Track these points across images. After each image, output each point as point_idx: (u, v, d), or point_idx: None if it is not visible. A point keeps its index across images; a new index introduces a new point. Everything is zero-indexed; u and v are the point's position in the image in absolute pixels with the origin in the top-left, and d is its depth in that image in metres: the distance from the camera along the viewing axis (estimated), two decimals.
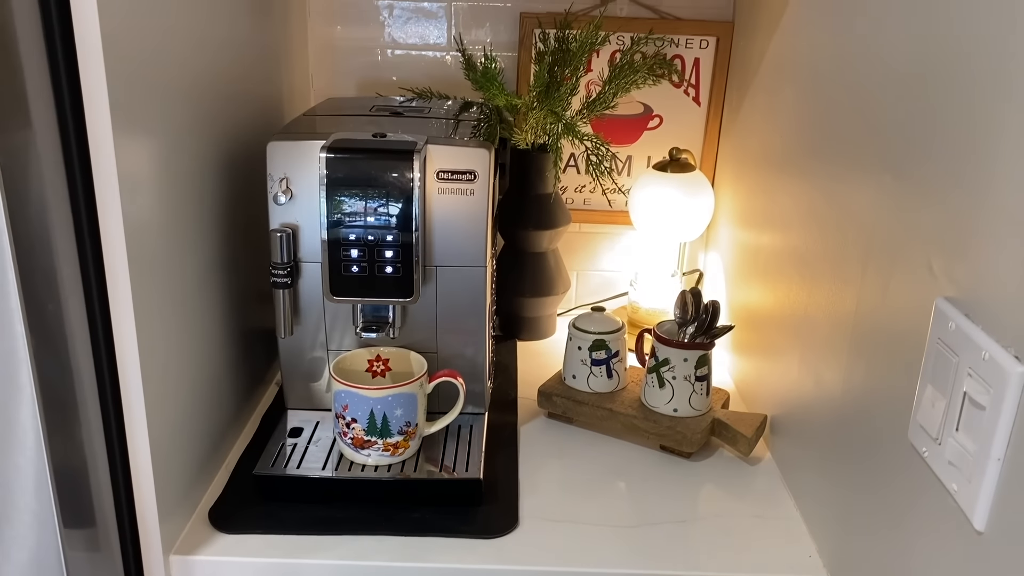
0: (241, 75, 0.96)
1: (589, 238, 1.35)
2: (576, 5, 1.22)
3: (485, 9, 1.24)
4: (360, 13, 1.23)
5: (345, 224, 0.84)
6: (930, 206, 0.63)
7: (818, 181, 0.87)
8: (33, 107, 0.64)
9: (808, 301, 0.89)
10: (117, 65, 0.66)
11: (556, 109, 1.11)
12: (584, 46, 1.13)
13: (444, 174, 0.87)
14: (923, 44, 0.65)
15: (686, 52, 1.24)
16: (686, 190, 1.19)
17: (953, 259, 0.60)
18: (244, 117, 0.97)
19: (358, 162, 0.84)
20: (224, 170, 0.91)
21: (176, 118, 0.78)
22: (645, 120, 1.29)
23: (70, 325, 0.69)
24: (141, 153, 0.72)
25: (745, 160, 1.15)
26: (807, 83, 0.91)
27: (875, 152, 0.73)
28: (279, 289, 0.89)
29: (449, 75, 1.26)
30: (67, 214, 0.69)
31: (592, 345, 1.02)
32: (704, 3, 1.22)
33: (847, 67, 0.80)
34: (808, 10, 0.92)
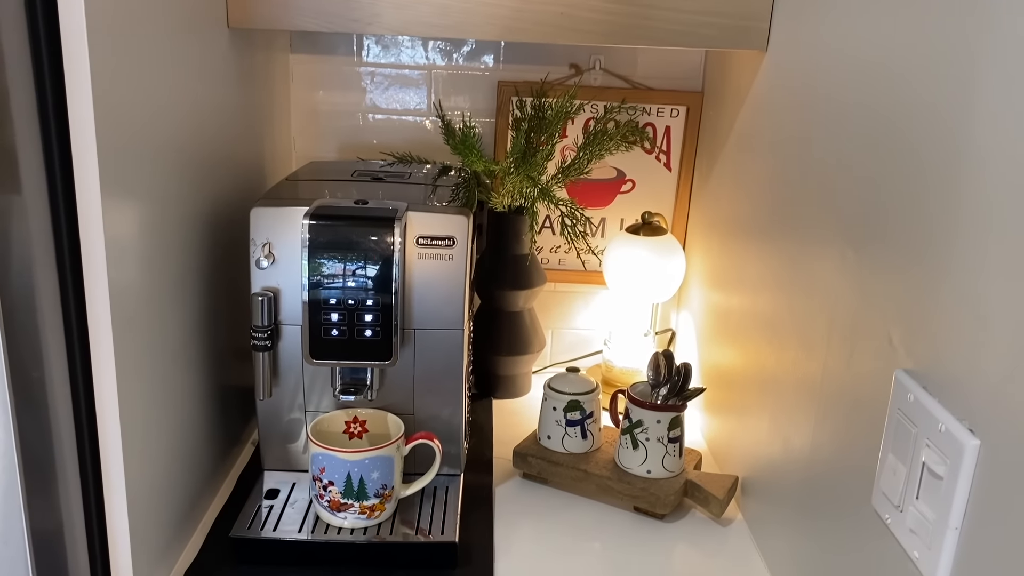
0: (226, 139, 0.99)
1: (564, 297, 1.37)
2: (552, 75, 1.27)
3: (464, 77, 1.28)
4: (342, 79, 1.27)
5: (326, 288, 0.86)
6: (889, 281, 0.67)
7: (784, 249, 0.91)
8: (23, 171, 0.66)
9: (776, 365, 0.92)
10: (107, 130, 0.68)
11: (532, 174, 1.15)
12: (559, 114, 1.17)
13: (424, 240, 0.90)
14: (877, 122, 0.69)
15: (657, 120, 1.29)
16: (658, 252, 1.23)
17: (911, 333, 0.63)
18: (228, 180, 1.00)
19: (340, 228, 0.86)
20: (207, 233, 0.93)
21: (162, 182, 0.80)
22: (618, 184, 1.33)
23: (52, 388, 0.70)
24: (128, 218, 0.73)
25: (715, 224, 1.19)
26: (771, 154, 0.96)
27: (836, 226, 0.77)
28: (259, 352, 0.90)
29: (429, 139, 1.29)
30: (53, 277, 0.70)
31: (567, 406, 1.04)
32: (674, 74, 1.28)
33: (807, 141, 0.85)
34: (771, 86, 0.97)
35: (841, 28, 0.78)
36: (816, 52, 0.84)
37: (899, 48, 0.66)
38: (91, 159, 0.67)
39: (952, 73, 0.58)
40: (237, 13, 0.95)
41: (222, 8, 0.95)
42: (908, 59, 0.65)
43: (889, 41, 0.68)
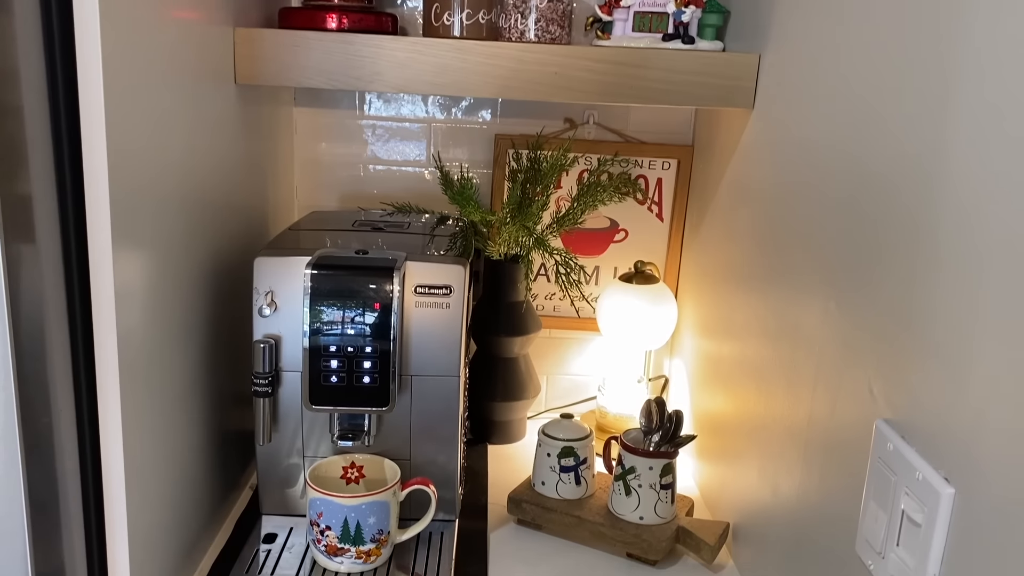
0: (230, 188, 1.02)
1: (559, 343, 1.40)
2: (547, 128, 1.31)
3: (462, 130, 1.32)
4: (345, 131, 1.31)
5: (326, 336, 0.89)
6: (869, 334, 0.69)
7: (771, 299, 0.94)
8: (38, 221, 0.68)
9: (765, 412, 0.94)
10: (120, 181, 0.71)
11: (528, 224, 1.18)
12: (554, 167, 1.21)
13: (422, 289, 0.93)
14: (856, 179, 0.73)
15: (649, 172, 1.33)
16: (650, 301, 1.25)
17: (890, 384, 0.65)
18: (232, 229, 1.03)
19: (341, 278, 0.89)
20: (211, 281, 0.95)
21: (169, 231, 0.83)
22: (612, 233, 1.36)
23: (60, 433, 0.72)
24: (136, 266, 0.76)
25: (706, 273, 1.23)
26: (759, 206, 0.99)
27: (820, 277, 0.80)
28: (260, 398, 0.92)
29: (427, 189, 1.33)
30: (63, 325, 0.72)
31: (561, 452, 1.05)
32: (665, 129, 1.32)
33: (792, 195, 0.88)
34: (757, 141, 1.01)
35: (823, 87, 0.82)
36: (800, 110, 0.88)
37: (877, 107, 0.70)
38: (103, 209, 0.70)
39: (928, 131, 0.62)
40: (244, 70, 0.99)
41: (230, 65, 0.99)
42: (885, 118, 0.69)
43: (868, 100, 0.72)
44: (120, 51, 0.69)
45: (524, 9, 1.11)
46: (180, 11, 0.83)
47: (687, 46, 1.08)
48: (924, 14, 0.63)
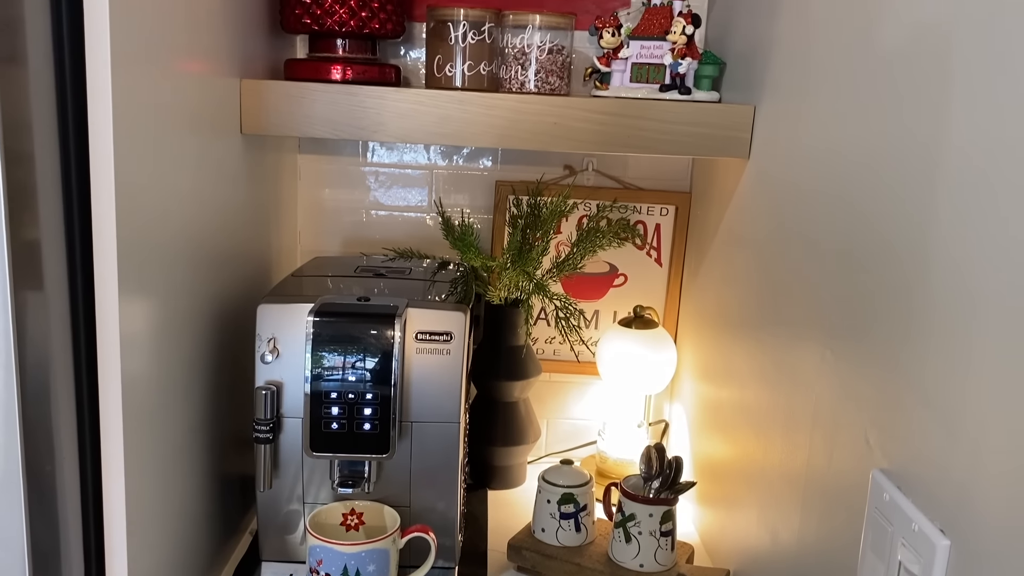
0: (235, 234, 1.04)
1: (559, 387, 1.40)
2: (547, 175, 1.33)
3: (463, 177, 1.34)
4: (348, 178, 1.33)
5: (328, 382, 0.89)
6: (864, 383, 0.70)
7: (769, 345, 0.94)
8: (46, 268, 0.70)
9: (763, 458, 0.94)
10: (127, 228, 0.72)
11: (528, 269, 1.19)
12: (554, 213, 1.23)
13: (422, 335, 0.94)
14: (850, 228, 0.74)
15: (648, 218, 1.35)
16: (650, 345, 1.26)
17: (885, 434, 0.66)
18: (236, 274, 1.04)
19: (343, 325, 0.90)
20: (215, 326, 0.96)
21: (174, 277, 0.85)
22: (611, 278, 1.37)
23: (63, 481, 0.72)
24: (141, 312, 0.77)
25: (704, 318, 1.24)
26: (756, 253, 1.00)
27: (816, 325, 0.81)
28: (261, 444, 0.92)
29: (429, 234, 1.34)
30: (69, 372, 0.73)
31: (561, 499, 1.05)
32: (663, 175, 1.34)
33: (788, 242, 0.90)
34: (754, 189, 1.03)
35: (816, 139, 0.84)
36: (794, 160, 0.90)
37: (869, 160, 0.72)
38: (110, 256, 0.71)
39: (919, 183, 0.63)
40: (250, 121, 1.02)
41: (236, 116, 1.01)
42: (877, 171, 0.70)
43: (860, 153, 0.74)
44: (130, 102, 0.71)
45: (524, 61, 1.14)
46: (188, 64, 0.85)
47: (684, 97, 1.11)
48: (915, 71, 0.65)
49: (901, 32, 0.67)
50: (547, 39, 1.14)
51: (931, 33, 0.62)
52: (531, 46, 1.13)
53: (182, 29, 0.83)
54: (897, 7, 0.68)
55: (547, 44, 1.14)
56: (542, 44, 1.14)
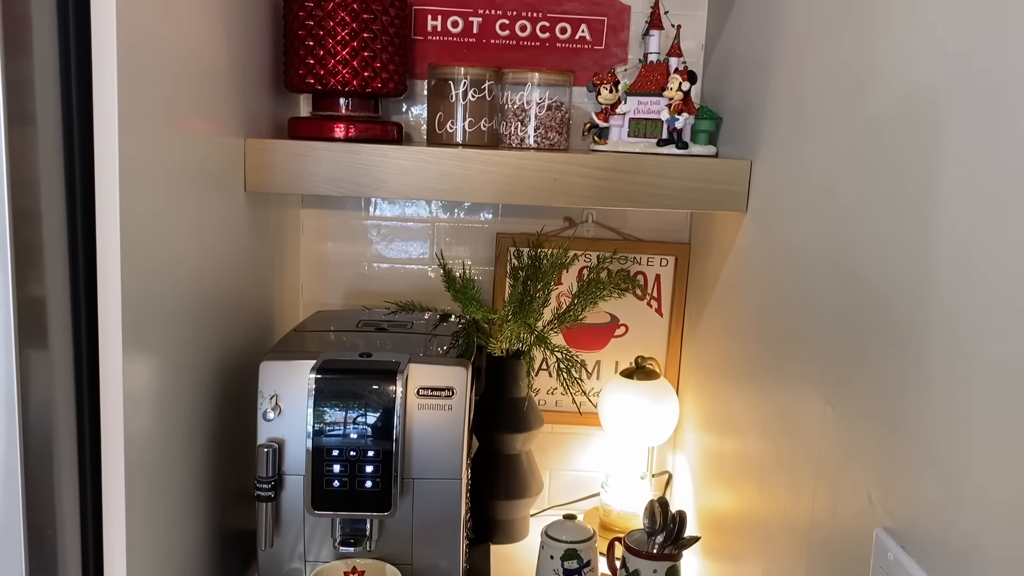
0: (238, 288, 1.04)
1: (561, 439, 1.40)
2: (547, 227, 1.34)
3: (464, 229, 1.36)
4: (350, 231, 1.35)
5: (329, 439, 0.89)
6: (865, 439, 0.70)
7: (771, 397, 0.94)
8: (51, 327, 0.70)
9: (767, 512, 0.94)
10: (132, 285, 0.73)
11: (529, 321, 1.20)
12: (555, 265, 1.24)
13: (424, 391, 0.94)
14: (846, 283, 0.75)
15: (648, 269, 1.36)
16: (651, 397, 1.26)
17: (887, 492, 0.66)
18: (239, 328, 1.05)
19: (345, 382, 0.90)
20: (217, 382, 0.97)
21: (177, 334, 0.85)
22: (612, 328, 1.38)
23: (64, 547, 0.72)
24: (146, 371, 0.78)
25: (706, 368, 1.24)
26: (755, 304, 1.01)
27: (816, 379, 0.81)
28: (263, 502, 0.92)
29: (431, 286, 1.35)
30: (71, 431, 0.73)
31: (564, 554, 1.04)
32: (662, 227, 1.35)
33: (786, 295, 0.90)
34: (751, 242, 1.04)
35: (811, 193, 0.85)
36: (790, 215, 0.91)
37: (864, 214, 0.73)
38: (115, 315, 0.72)
39: (913, 239, 0.64)
40: (254, 179, 1.03)
41: (240, 174, 1.02)
42: (872, 226, 0.71)
43: (855, 207, 0.75)
44: (136, 161, 0.73)
45: (524, 117, 1.16)
46: (194, 123, 0.87)
47: (681, 151, 1.12)
48: (905, 135, 0.66)
49: (891, 97, 0.68)
50: (546, 96, 1.16)
51: (920, 100, 0.64)
52: (530, 103, 1.16)
53: (188, 89, 0.85)
54: (886, 73, 0.70)
55: (546, 101, 1.16)
56: (541, 101, 1.16)
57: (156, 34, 0.76)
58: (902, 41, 0.67)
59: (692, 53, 1.27)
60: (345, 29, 1.06)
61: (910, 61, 0.66)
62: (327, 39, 1.06)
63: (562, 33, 1.28)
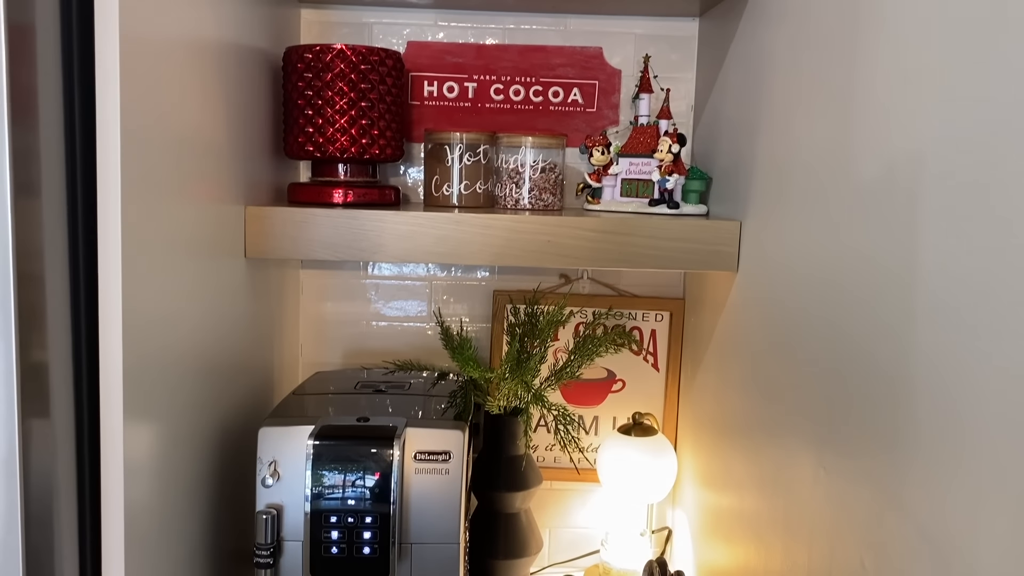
0: (238, 352, 1.06)
1: (560, 495, 1.40)
2: (543, 283, 1.36)
3: (462, 287, 1.38)
4: (349, 291, 1.36)
5: (328, 504, 0.90)
6: (857, 506, 0.71)
7: (766, 454, 0.95)
8: (53, 396, 0.71)
9: (765, 571, 0.94)
10: (134, 353, 0.74)
11: (526, 379, 1.21)
12: (551, 323, 1.26)
13: (421, 455, 0.95)
14: (835, 343, 0.76)
15: (643, 324, 1.37)
16: (649, 453, 1.27)
17: (880, 560, 0.66)
18: (238, 391, 1.06)
19: (343, 447, 0.91)
20: (217, 447, 0.98)
21: (178, 399, 0.86)
22: (609, 384, 1.39)
23: None
24: (146, 438, 0.79)
25: (703, 423, 1.24)
26: (749, 361, 1.02)
27: (809, 442, 0.82)
28: (262, 569, 0.92)
29: (429, 344, 1.37)
30: (72, 498, 0.74)
31: None
32: (657, 283, 1.37)
33: (778, 354, 0.91)
34: (743, 299, 1.05)
35: (798, 255, 0.87)
36: (780, 274, 0.93)
37: (848, 278, 0.74)
38: (116, 381, 0.73)
39: (897, 299, 0.66)
40: (254, 246, 1.05)
41: (240, 241, 1.05)
42: (856, 290, 0.73)
43: (839, 271, 0.76)
44: (138, 228, 0.75)
45: (518, 179, 1.19)
46: (195, 191, 0.89)
47: (672, 211, 1.15)
48: (888, 200, 0.68)
49: (872, 165, 0.71)
50: (540, 158, 1.19)
51: (900, 168, 0.66)
52: (524, 165, 1.18)
53: (190, 159, 0.88)
54: (867, 143, 0.72)
55: (540, 163, 1.19)
56: (535, 163, 1.19)
57: (159, 107, 0.79)
58: (880, 113, 0.70)
59: (682, 114, 1.30)
60: (343, 98, 1.09)
61: (889, 132, 0.68)
62: (326, 108, 1.09)
63: (555, 97, 1.32)
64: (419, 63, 1.31)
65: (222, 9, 0.95)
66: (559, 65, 1.31)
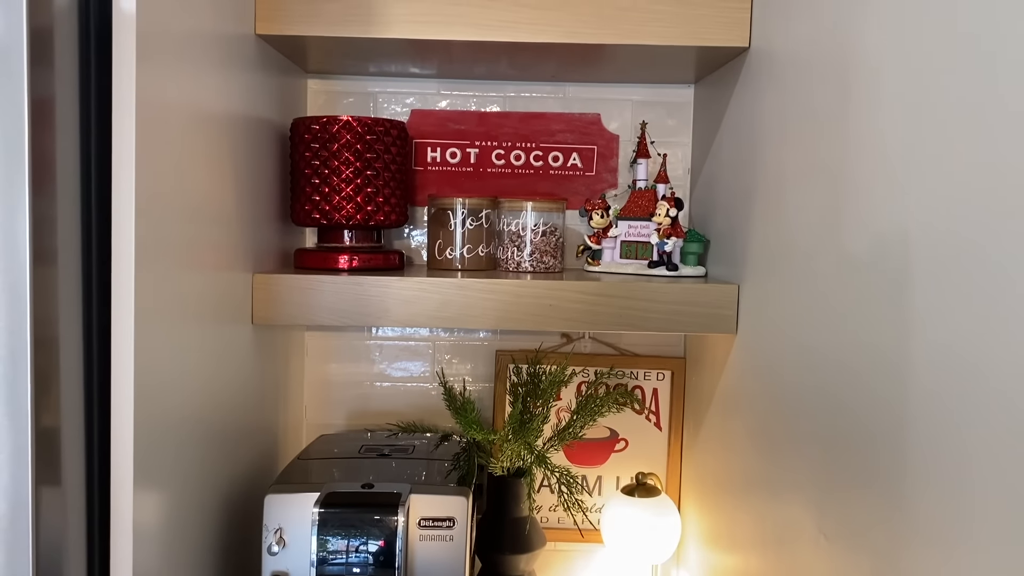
0: (244, 415, 1.07)
1: (564, 556, 1.39)
2: (545, 343, 1.38)
3: (464, 347, 1.39)
4: (353, 352, 1.38)
5: (332, 571, 0.90)
6: (857, 573, 0.71)
7: (768, 517, 0.96)
8: (65, 464, 0.72)
9: None
10: (144, 416, 0.75)
11: (529, 440, 1.22)
12: (553, 383, 1.27)
13: (426, 522, 0.95)
14: (830, 409, 0.77)
15: (645, 383, 1.38)
16: (653, 513, 1.27)
17: None
18: (243, 455, 1.07)
19: (347, 515, 0.92)
20: (223, 511, 0.98)
21: (185, 465, 0.87)
22: (612, 443, 1.39)
23: None
24: (154, 505, 0.79)
25: (706, 482, 1.25)
26: (749, 422, 1.03)
27: (810, 506, 0.83)
28: None
29: (432, 404, 1.38)
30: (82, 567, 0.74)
31: None
32: (658, 341, 1.39)
33: (777, 417, 0.92)
34: (742, 361, 1.06)
35: (792, 321, 0.88)
36: (776, 339, 0.94)
37: (840, 348, 0.76)
38: (127, 448, 0.74)
39: (891, 368, 0.67)
40: (261, 313, 1.07)
41: (248, 307, 1.07)
42: (848, 360, 0.74)
43: (831, 340, 0.78)
44: (149, 296, 0.77)
45: (520, 243, 1.21)
46: (204, 259, 0.92)
47: (671, 273, 1.17)
48: (879, 268, 0.70)
49: (861, 240, 0.73)
50: (540, 222, 1.21)
51: (888, 245, 0.68)
52: (526, 228, 1.21)
53: (200, 226, 0.90)
54: (856, 219, 0.74)
55: (541, 227, 1.21)
56: (536, 227, 1.21)
57: (172, 178, 0.81)
58: (869, 191, 0.72)
59: (679, 178, 1.34)
60: (349, 168, 1.12)
61: (877, 210, 0.70)
62: (332, 177, 1.12)
63: (555, 161, 1.35)
64: (423, 130, 1.34)
65: (232, 82, 0.98)
66: (558, 131, 1.34)
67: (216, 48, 0.92)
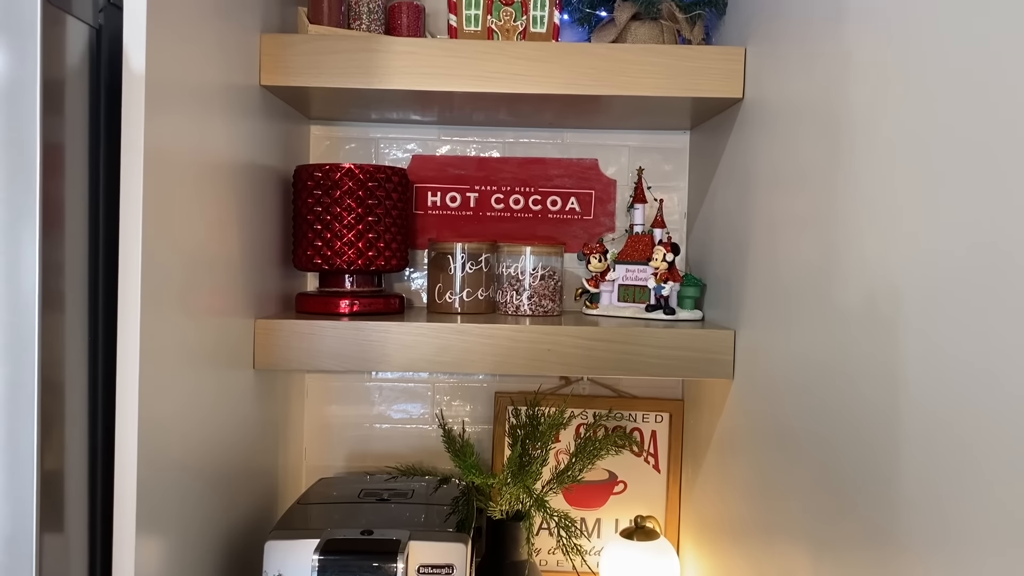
0: (244, 458, 1.07)
1: None
2: (544, 385, 1.39)
3: (464, 389, 1.40)
4: (353, 394, 1.39)
5: None
6: None
7: (766, 562, 0.96)
8: (68, 510, 0.73)
9: None
10: (147, 462, 0.76)
11: (528, 483, 1.22)
12: (552, 426, 1.27)
13: (425, 569, 0.95)
14: (827, 456, 0.78)
15: (643, 425, 1.39)
16: (652, 556, 1.26)
17: None
18: (243, 500, 1.07)
19: (347, 561, 0.92)
20: (223, 559, 0.98)
21: (187, 510, 0.87)
22: (611, 486, 1.39)
23: None
24: (156, 550, 0.80)
25: (705, 524, 1.25)
26: (747, 465, 1.04)
27: (805, 554, 0.83)
28: None
29: (431, 445, 1.38)
30: None
31: None
32: (656, 384, 1.40)
33: (773, 463, 0.93)
34: (739, 405, 1.07)
35: (788, 369, 0.90)
36: (773, 385, 0.95)
37: (835, 396, 0.77)
38: (130, 492, 0.75)
39: (885, 417, 0.68)
40: (262, 358, 1.08)
41: (250, 352, 1.08)
42: (843, 409, 0.75)
43: (826, 388, 0.79)
44: (154, 340, 0.78)
45: (519, 287, 1.22)
46: (208, 304, 0.93)
47: (668, 316, 1.18)
48: (871, 318, 0.71)
49: (854, 290, 0.74)
50: (539, 266, 1.23)
51: (880, 295, 0.69)
52: (524, 272, 1.22)
53: (204, 272, 0.91)
54: (848, 269, 0.76)
55: (539, 271, 1.23)
56: (535, 271, 1.23)
57: (178, 224, 0.83)
58: (859, 241, 0.74)
59: (675, 222, 1.35)
60: (351, 214, 1.13)
61: (865, 260, 0.72)
62: (334, 223, 1.14)
63: (553, 205, 1.37)
64: (423, 175, 1.36)
65: (237, 130, 1.00)
66: (557, 176, 1.36)
67: (221, 98, 0.95)
